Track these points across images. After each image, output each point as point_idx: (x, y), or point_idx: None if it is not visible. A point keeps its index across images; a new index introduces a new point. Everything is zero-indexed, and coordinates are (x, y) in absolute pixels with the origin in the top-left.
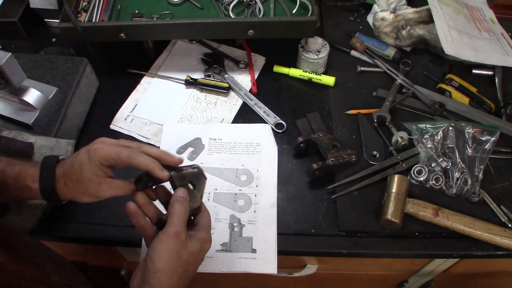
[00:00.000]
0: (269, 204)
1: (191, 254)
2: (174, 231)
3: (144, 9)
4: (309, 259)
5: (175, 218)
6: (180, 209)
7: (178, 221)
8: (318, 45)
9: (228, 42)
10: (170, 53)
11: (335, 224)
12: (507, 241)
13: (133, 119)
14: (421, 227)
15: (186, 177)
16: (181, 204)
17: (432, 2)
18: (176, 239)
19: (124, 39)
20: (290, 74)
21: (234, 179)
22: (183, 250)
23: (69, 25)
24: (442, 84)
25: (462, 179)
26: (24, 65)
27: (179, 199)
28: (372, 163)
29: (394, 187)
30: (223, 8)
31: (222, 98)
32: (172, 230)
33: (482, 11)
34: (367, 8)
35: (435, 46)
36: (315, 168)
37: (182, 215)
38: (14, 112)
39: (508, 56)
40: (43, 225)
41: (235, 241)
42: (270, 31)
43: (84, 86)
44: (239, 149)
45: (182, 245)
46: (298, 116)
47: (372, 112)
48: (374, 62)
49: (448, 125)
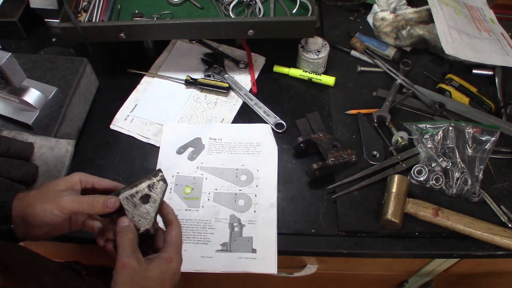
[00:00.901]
0: (269, 204)
1: (152, 279)
2: (120, 262)
3: (144, 9)
4: (309, 259)
5: (119, 249)
6: (123, 239)
7: (122, 250)
8: (318, 45)
9: (228, 42)
10: (170, 53)
11: (335, 224)
12: (507, 241)
13: (133, 119)
14: (421, 227)
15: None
16: (123, 234)
17: (432, 2)
18: (124, 270)
19: (124, 39)
20: (290, 74)
21: (234, 179)
22: (138, 277)
23: (69, 25)
24: (442, 84)
25: (462, 179)
26: (24, 65)
27: (121, 230)
28: (372, 163)
29: (394, 187)
30: (223, 8)
31: (222, 98)
32: (118, 262)
33: (482, 11)
34: (367, 8)
35: (435, 46)
36: (315, 168)
37: (124, 243)
38: (14, 112)
39: (508, 56)
40: None
41: (235, 241)
42: (270, 31)
43: (84, 86)
44: (239, 149)
45: (135, 272)
46: (298, 116)
47: (372, 112)
48: (374, 62)
49: (448, 125)
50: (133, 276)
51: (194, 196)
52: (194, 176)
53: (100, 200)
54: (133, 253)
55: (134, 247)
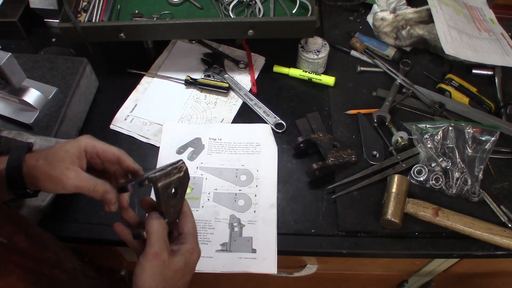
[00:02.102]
0: (269, 204)
1: (176, 272)
2: (153, 252)
3: (144, 9)
4: (309, 259)
5: (153, 237)
6: (157, 227)
7: (156, 240)
8: (318, 45)
9: (228, 42)
10: (170, 53)
11: (335, 224)
12: (507, 241)
13: (133, 119)
14: (421, 227)
15: (170, 184)
16: (158, 221)
17: (432, 2)
18: (156, 261)
19: (124, 39)
20: (290, 74)
21: (234, 179)
22: (167, 270)
23: (69, 25)
24: (442, 84)
25: (462, 179)
26: (24, 65)
27: (155, 216)
28: (372, 163)
29: (394, 187)
30: (223, 8)
31: (222, 98)
32: (151, 251)
33: (482, 11)
34: (367, 8)
35: (435, 46)
36: (315, 168)
37: (159, 232)
38: (14, 112)
39: (508, 56)
40: (43, 225)
41: (235, 241)
42: (270, 31)
43: (84, 86)
44: (239, 149)
45: (164, 265)
46: (298, 116)
47: (372, 112)
48: (374, 62)
49: (448, 125)
50: (163, 268)
51: (194, 196)
52: (194, 176)
53: (100, 191)
54: (165, 243)
55: (166, 239)
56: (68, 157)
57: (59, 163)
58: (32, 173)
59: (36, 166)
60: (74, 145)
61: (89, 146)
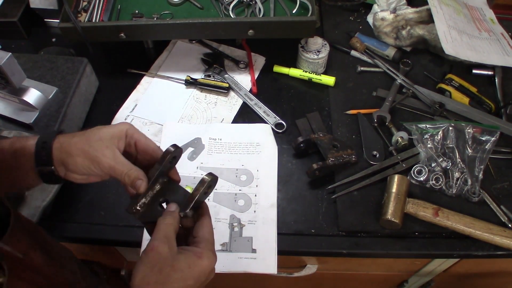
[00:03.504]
0: (269, 204)
1: (176, 270)
2: (150, 244)
3: (144, 9)
4: (309, 259)
5: (154, 232)
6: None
7: (156, 233)
8: (318, 45)
9: (228, 42)
10: (170, 53)
11: (335, 224)
12: (507, 241)
13: (133, 119)
14: (421, 227)
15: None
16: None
17: (432, 2)
18: (151, 253)
19: (124, 39)
20: (290, 74)
21: (234, 179)
22: (164, 264)
23: (69, 25)
24: (442, 84)
25: (462, 179)
26: (24, 65)
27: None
28: (372, 163)
29: (394, 187)
30: (223, 8)
31: (222, 98)
32: (149, 244)
33: (482, 11)
34: (367, 8)
35: (435, 46)
36: (315, 168)
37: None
38: (14, 112)
39: (508, 56)
40: (43, 225)
41: (235, 241)
42: (270, 31)
43: (84, 86)
44: (239, 149)
45: (161, 258)
46: (298, 116)
47: (372, 112)
48: (374, 62)
49: (448, 125)
50: (158, 261)
51: None
52: (194, 176)
53: (131, 176)
54: (166, 238)
55: (168, 233)
56: (109, 137)
57: (98, 142)
58: (65, 148)
59: (71, 142)
60: (116, 127)
61: (130, 133)
